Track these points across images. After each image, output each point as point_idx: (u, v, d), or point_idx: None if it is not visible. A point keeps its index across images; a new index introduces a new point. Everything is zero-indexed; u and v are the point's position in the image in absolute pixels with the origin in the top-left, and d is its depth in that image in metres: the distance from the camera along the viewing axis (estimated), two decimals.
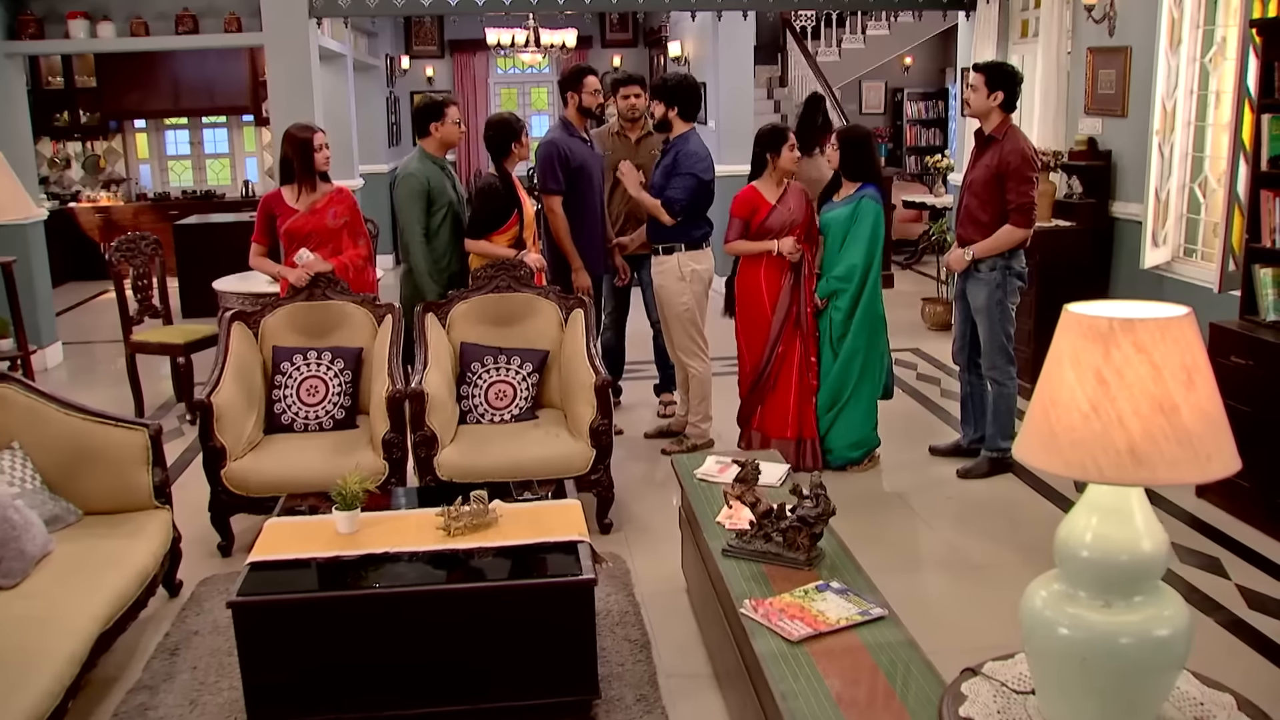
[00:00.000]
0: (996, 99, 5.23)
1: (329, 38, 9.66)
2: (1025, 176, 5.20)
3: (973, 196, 5.41)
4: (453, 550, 3.54)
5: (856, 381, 5.52)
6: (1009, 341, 5.43)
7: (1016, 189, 5.20)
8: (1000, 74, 5.26)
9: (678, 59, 12.71)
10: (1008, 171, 5.20)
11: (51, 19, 8.20)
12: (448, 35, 15.95)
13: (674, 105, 5.76)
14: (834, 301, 5.47)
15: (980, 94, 5.25)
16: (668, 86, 5.78)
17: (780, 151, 5.46)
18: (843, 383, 5.53)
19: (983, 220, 5.34)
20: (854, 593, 3.17)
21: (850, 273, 5.42)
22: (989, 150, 5.31)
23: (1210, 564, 4.56)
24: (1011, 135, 5.27)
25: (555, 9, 8.59)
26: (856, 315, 5.44)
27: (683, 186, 5.67)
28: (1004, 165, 5.21)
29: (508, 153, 5.60)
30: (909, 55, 15.32)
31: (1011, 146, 5.22)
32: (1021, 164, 5.20)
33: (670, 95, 5.76)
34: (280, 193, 5.54)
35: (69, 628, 3.28)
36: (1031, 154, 5.27)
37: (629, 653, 3.87)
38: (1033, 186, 5.24)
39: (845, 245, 5.44)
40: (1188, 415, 1.72)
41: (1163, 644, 1.85)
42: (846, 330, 5.48)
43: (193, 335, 6.80)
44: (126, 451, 4.15)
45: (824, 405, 5.57)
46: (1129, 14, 6.53)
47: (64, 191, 12.89)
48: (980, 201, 5.35)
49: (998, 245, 5.30)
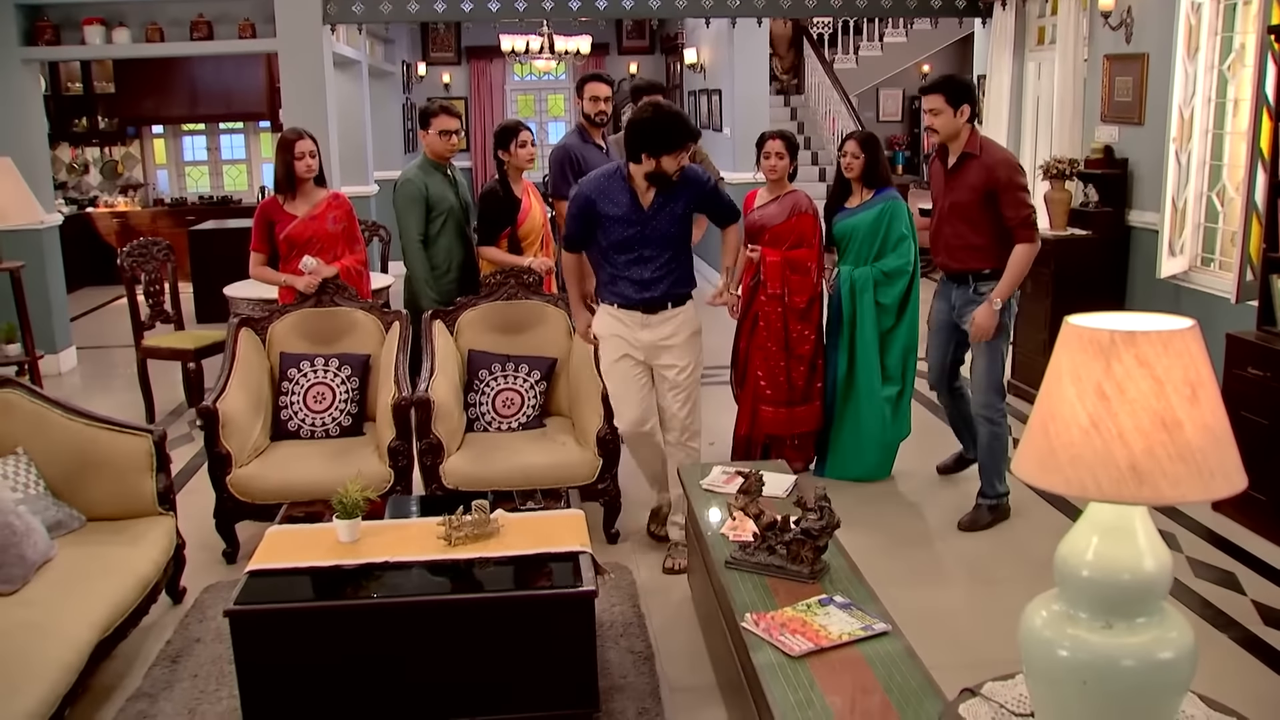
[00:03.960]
0: (964, 114, 4.79)
1: (344, 44, 9.67)
2: (1019, 186, 4.78)
3: (960, 222, 4.91)
4: (453, 560, 3.51)
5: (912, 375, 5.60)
6: (1003, 374, 5.04)
7: (1014, 202, 4.75)
8: (959, 87, 4.84)
9: (693, 66, 12.69)
10: (1000, 186, 4.75)
11: (67, 25, 8.23)
12: (464, 42, 15.97)
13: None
14: (878, 295, 5.42)
15: (946, 114, 4.78)
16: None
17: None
18: (905, 379, 5.56)
19: (977, 244, 4.88)
20: (857, 607, 3.12)
21: (903, 268, 5.41)
22: (968, 168, 4.83)
23: (1225, 579, 4.49)
24: (989, 148, 4.87)
25: (569, 16, 8.57)
26: (908, 310, 5.40)
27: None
28: (993, 181, 4.75)
29: (502, 159, 5.62)
30: (927, 63, 15.25)
31: (995, 159, 4.81)
32: (1012, 174, 4.78)
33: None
34: (276, 199, 5.53)
35: (67, 635, 3.26)
36: (1017, 162, 4.91)
37: (632, 665, 3.83)
38: (1029, 195, 4.84)
39: (887, 244, 5.40)
40: (1191, 431, 1.67)
41: (1166, 666, 1.80)
42: (895, 325, 5.46)
43: (203, 341, 6.81)
44: (131, 458, 4.14)
45: (879, 403, 5.51)
46: (1146, 21, 6.46)
47: (82, 197, 12.97)
48: (971, 226, 4.87)
49: (1019, 274, 4.83)
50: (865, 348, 5.46)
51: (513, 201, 5.59)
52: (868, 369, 5.46)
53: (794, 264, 5.45)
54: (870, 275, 5.40)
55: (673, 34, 14.40)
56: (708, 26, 9.87)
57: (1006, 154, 4.90)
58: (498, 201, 5.59)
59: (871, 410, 5.50)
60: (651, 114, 4.30)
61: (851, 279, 5.42)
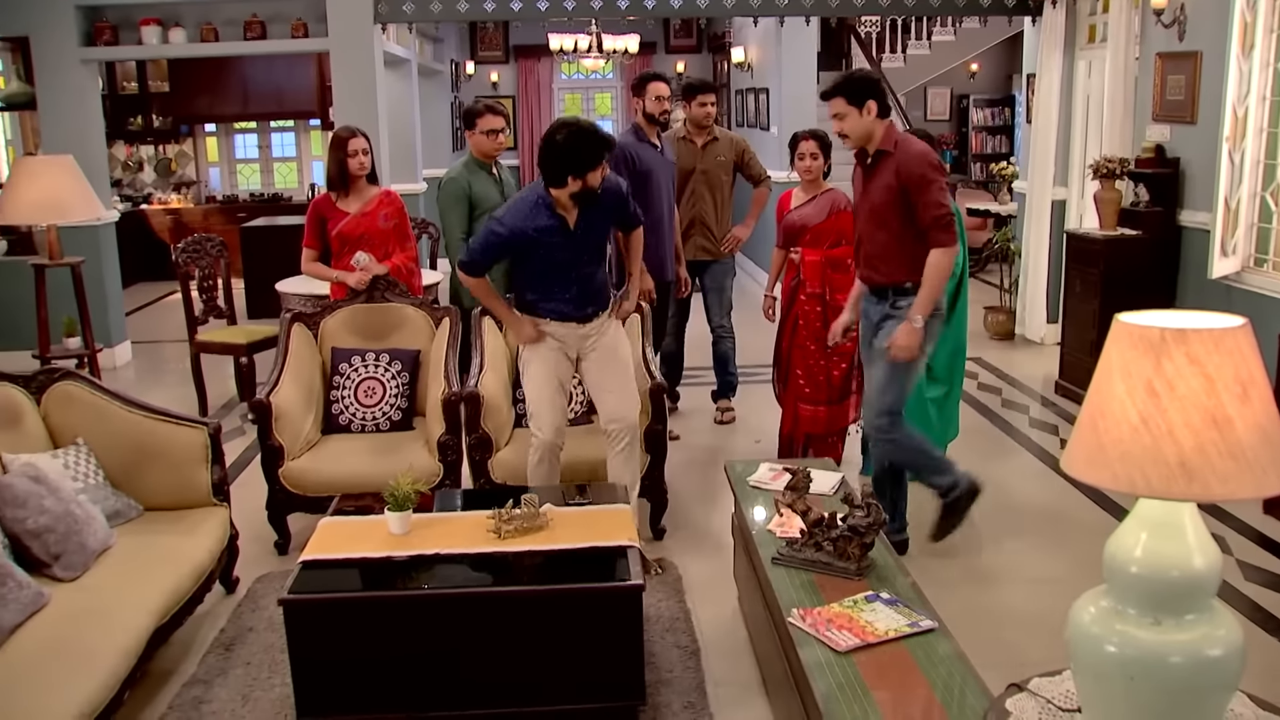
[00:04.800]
0: (871, 110, 4.32)
1: (394, 43, 9.77)
2: (933, 183, 4.26)
3: (877, 228, 4.43)
4: (502, 553, 3.56)
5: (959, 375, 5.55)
6: (901, 400, 4.48)
7: (928, 201, 4.25)
8: (859, 84, 4.36)
9: (741, 65, 12.69)
10: (912, 183, 4.26)
11: (125, 26, 8.37)
12: (512, 41, 16.06)
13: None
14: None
15: (851, 115, 4.32)
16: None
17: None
18: (952, 380, 5.49)
19: (895, 252, 4.39)
20: (904, 604, 3.13)
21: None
22: (883, 167, 4.36)
23: (1276, 582, 4.44)
24: (904, 142, 4.38)
25: (617, 15, 8.61)
26: (956, 311, 5.37)
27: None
28: (905, 176, 4.27)
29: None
30: (975, 61, 15.15)
31: (908, 153, 4.32)
32: (926, 170, 4.27)
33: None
34: (329, 196, 5.60)
35: (126, 621, 3.34)
36: (935, 157, 4.38)
37: (678, 659, 3.85)
38: (946, 196, 4.32)
39: None
40: (1242, 429, 1.67)
41: (1215, 664, 1.80)
42: (944, 324, 5.39)
43: (255, 336, 6.91)
44: (187, 449, 4.22)
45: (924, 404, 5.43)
46: (1200, 18, 6.39)
47: (136, 194, 13.19)
48: (889, 232, 4.38)
49: (937, 284, 4.31)
50: None
51: None
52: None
53: (835, 262, 5.46)
54: None
55: (720, 33, 14.40)
56: (755, 25, 9.87)
57: (923, 148, 4.40)
58: None
59: (916, 410, 5.45)
60: (566, 136, 4.17)
61: None
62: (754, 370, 7.38)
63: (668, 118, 6.09)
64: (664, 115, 6.03)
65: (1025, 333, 8.75)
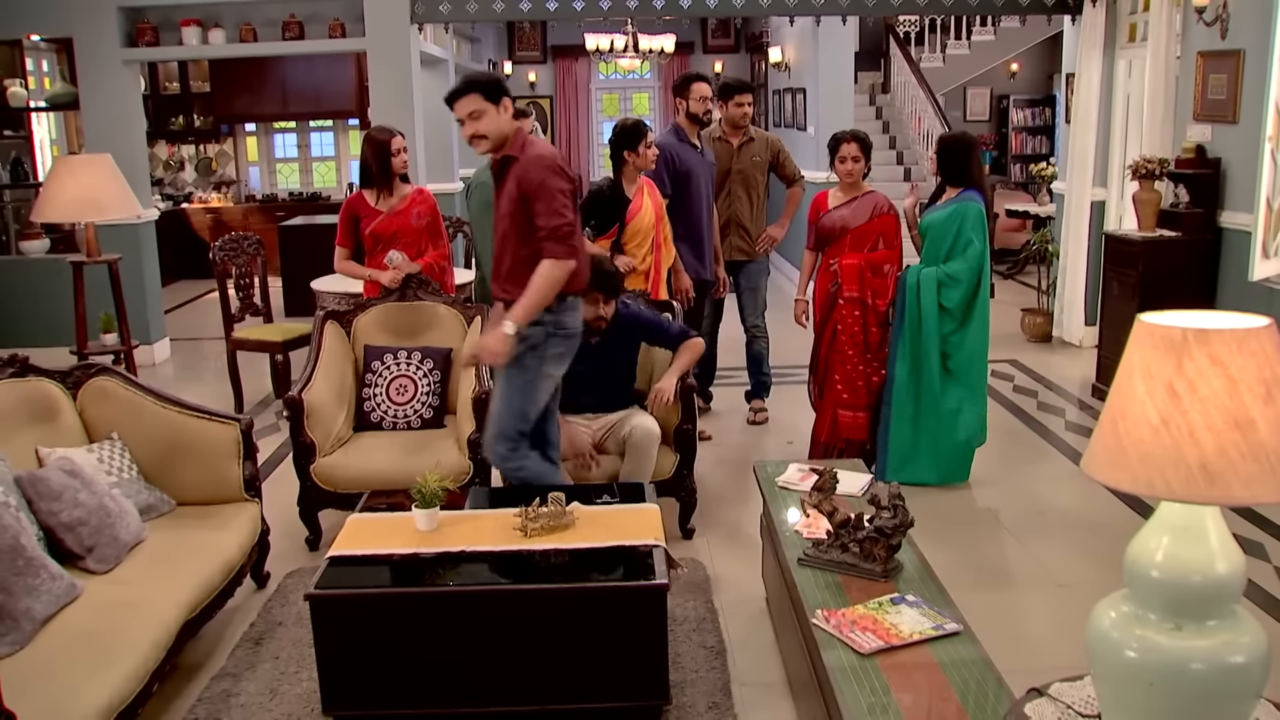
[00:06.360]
0: (507, 110, 4.03)
1: (431, 43, 9.82)
2: (551, 189, 3.94)
3: (503, 242, 4.13)
4: (528, 551, 3.56)
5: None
6: (525, 424, 4.19)
7: (546, 210, 3.94)
8: (486, 84, 4.01)
9: (778, 64, 12.65)
10: (531, 190, 3.95)
11: (166, 27, 8.47)
12: (550, 41, 16.11)
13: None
14: (941, 298, 5.29)
15: (489, 114, 3.99)
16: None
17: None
18: (973, 385, 5.41)
19: (526, 267, 4.02)
20: (929, 606, 3.11)
21: (963, 272, 5.25)
22: (509, 174, 4.05)
23: None
24: (529, 145, 4.06)
25: (653, 14, 8.61)
26: (974, 315, 5.32)
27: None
28: (524, 184, 3.96)
29: (621, 161, 5.56)
30: (1015, 61, 15.01)
31: (529, 157, 4.00)
32: (544, 175, 3.95)
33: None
34: (363, 195, 5.64)
35: (157, 614, 3.38)
36: (557, 162, 4.03)
37: (704, 659, 3.85)
38: (566, 204, 3.97)
39: (956, 246, 5.28)
40: (1265, 431, 1.64)
41: (1237, 671, 1.77)
42: (959, 329, 5.32)
43: (291, 333, 6.96)
44: (219, 445, 4.26)
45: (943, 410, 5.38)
46: (1243, 16, 6.30)
47: (177, 193, 13.35)
48: (514, 245, 4.07)
49: (540, 295, 3.97)
50: (927, 350, 5.31)
51: (621, 201, 5.56)
52: (929, 372, 5.34)
53: (874, 266, 5.43)
54: (935, 276, 5.28)
55: (757, 32, 14.36)
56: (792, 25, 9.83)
57: (547, 152, 4.08)
58: (604, 202, 5.56)
59: (932, 414, 5.39)
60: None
61: (918, 277, 5.35)
62: (788, 371, 7.36)
63: (710, 117, 6.12)
64: (708, 115, 6.07)
65: (1063, 335, 8.66)
